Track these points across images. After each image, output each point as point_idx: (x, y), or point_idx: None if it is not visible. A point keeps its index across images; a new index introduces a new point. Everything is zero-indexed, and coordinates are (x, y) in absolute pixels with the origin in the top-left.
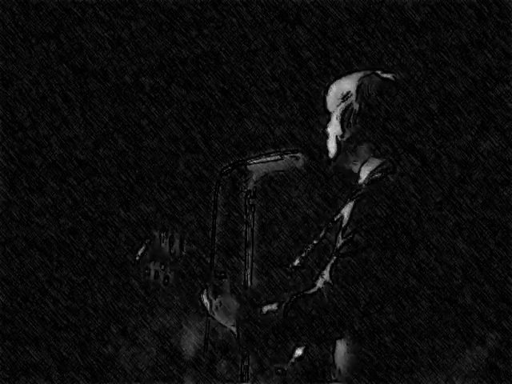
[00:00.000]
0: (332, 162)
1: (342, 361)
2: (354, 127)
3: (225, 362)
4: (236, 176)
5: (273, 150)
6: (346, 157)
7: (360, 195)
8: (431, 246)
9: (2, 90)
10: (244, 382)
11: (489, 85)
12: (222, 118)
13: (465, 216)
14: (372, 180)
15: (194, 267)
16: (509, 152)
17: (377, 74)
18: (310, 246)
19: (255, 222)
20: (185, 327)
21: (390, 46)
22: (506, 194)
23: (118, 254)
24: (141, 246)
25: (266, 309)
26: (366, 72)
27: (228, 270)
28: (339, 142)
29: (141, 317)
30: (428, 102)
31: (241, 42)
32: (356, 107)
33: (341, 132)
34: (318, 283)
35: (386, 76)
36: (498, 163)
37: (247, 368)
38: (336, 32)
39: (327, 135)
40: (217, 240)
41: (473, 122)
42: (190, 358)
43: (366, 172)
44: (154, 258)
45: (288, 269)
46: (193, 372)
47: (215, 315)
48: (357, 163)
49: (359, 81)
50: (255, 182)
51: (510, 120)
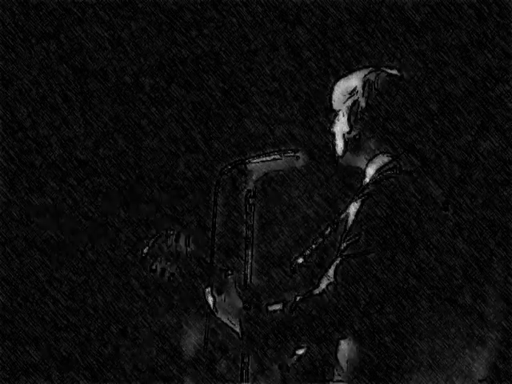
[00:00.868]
0: (339, 160)
1: (346, 360)
2: (361, 124)
3: (225, 361)
4: (236, 176)
5: (273, 150)
6: (353, 154)
7: (367, 194)
8: (431, 246)
9: (1, 90)
10: (244, 381)
11: (489, 85)
12: (222, 117)
13: (465, 216)
14: (379, 178)
15: (199, 265)
16: (509, 152)
17: (383, 70)
18: (314, 244)
19: (255, 221)
20: (185, 327)
21: (390, 45)
22: (506, 193)
23: (118, 254)
24: (147, 244)
25: (271, 308)
26: (371, 68)
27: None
28: (346, 140)
29: (141, 317)
30: (428, 101)
31: (241, 42)
32: (363, 103)
33: (348, 129)
34: (323, 284)
35: (392, 72)
36: (497, 163)
37: (247, 368)
38: (336, 32)
39: (334, 133)
40: (217, 240)
41: (473, 122)
42: (189, 357)
43: (372, 170)
44: (160, 256)
45: (291, 267)
46: (193, 372)
47: (218, 313)
48: (364, 160)
49: (365, 77)
50: (255, 182)
51: (510, 120)
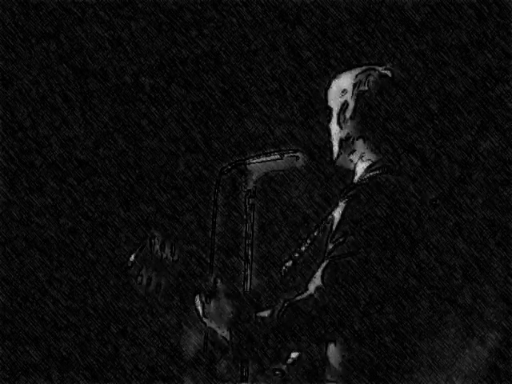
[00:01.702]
0: (334, 161)
1: (336, 361)
2: (350, 124)
3: (225, 362)
4: (236, 176)
5: (273, 150)
6: (345, 154)
7: (352, 196)
8: (431, 246)
9: (2, 90)
10: (243, 381)
11: (489, 85)
12: (222, 118)
13: (465, 216)
14: (366, 178)
15: (186, 271)
16: (509, 152)
17: (374, 69)
18: (302, 246)
19: (255, 221)
20: (185, 327)
21: (390, 45)
22: (506, 193)
23: (118, 254)
24: (132, 253)
25: (259, 315)
26: (363, 68)
27: (222, 273)
28: (339, 139)
29: (141, 317)
30: (428, 101)
31: (241, 42)
32: (352, 103)
33: (339, 128)
34: (310, 288)
35: (384, 71)
36: (498, 163)
37: (247, 368)
38: (336, 32)
39: (329, 132)
40: (217, 240)
41: (473, 122)
42: (189, 357)
43: (360, 169)
44: (145, 265)
45: (282, 270)
46: (193, 372)
47: (207, 320)
48: (354, 160)
49: (355, 77)
50: (255, 182)
51: (510, 120)
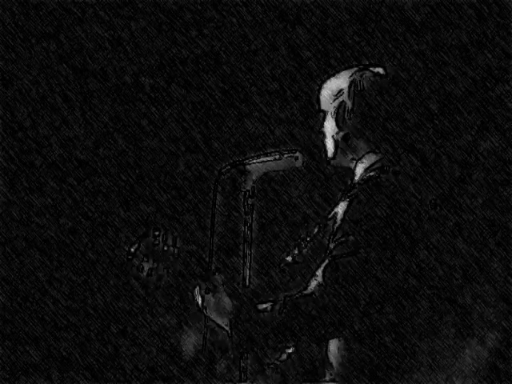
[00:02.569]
0: (330, 162)
1: (336, 359)
2: (348, 124)
3: (224, 361)
4: (235, 176)
5: (272, 150)
6: (343, 155)
7: (353, 195)
8: (431, 246)
9: (1, 90)
10: (243, 381)
11: (489, 85)
12: (222, 118)
13: (465, 216)
14: (367, 178)
15: (188, 264)
16: (509, 152)
17: (368, 69)
18: (302, 243)
19: (255, 221)
20: (184, 327)
21: (390, 46)
22: (506, 194)
23: (118, 254)
24: (134, 243)
25: (260, 307)
26: (357, 68)
27: (224, 268)
28: (336, 140)
29: (141, 317)
30: (428, 101)
31: (241, 42)
32: (349, 104)
33: (336, 130)
34: (311, 285)
35: (377, 70)
36: (498, 163)
37: (246, 367)
38: (336, 32)
39: (324, 134)
40: (216, 240)
41: (473, 122)
42: (189, 357)
43: (361, 169)
44: (147, 256)
45: (281, 266)
46: (193, 372)
47: (208, 312)
48: (353, 160)
49: (351, 77)
50: (254, 182)
51: (510, 120)
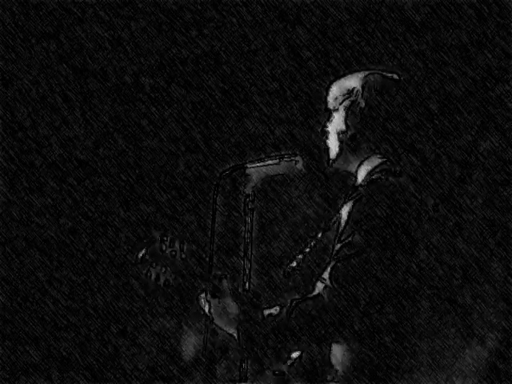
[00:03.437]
0: (333, 162)
1: (339, 362)
2: (358, 124)
3: (225, 362)
4: (235, 180)
5: (272, 154)
6: (346, 156)
7: (358, 197)
8: (431, 246)
9: (1, 90)
10: (243, 382)
11: (489, 85)
12: (222, 118)
13: (465, 216)
14: (371, 181)
15: (194, 269)
16: (509, 152)
17: (380, 73)
18: (307, 247)
19: (254, 224)
20: (185, 327)
21: (390, 46)
22: (505, 193)
23: (118, 254)
24: (141, 248)
25: (267, 312)
26: (370, 71)
27: (228, 271)
28: (341, 140)
29: (141, 317)
30: (428, 101)
31: (241, 42)
32: (362, 103)
33: (344, 129)
34: (318, 287)
35: (390, 75)
36: (498, 163)
37: (246, 368)
38: (336, 32)
39: (327, 133)
40: (217, 240)
41: (473, 122)
42: (189, 358)
43: (364, 172)
44: (155, 261)
45: (285, 270)
46: (193, 372)
47: (214, 318)
48: (355, 163)
49: (365, 78)
50: (254, 186)
51: (510, 120)
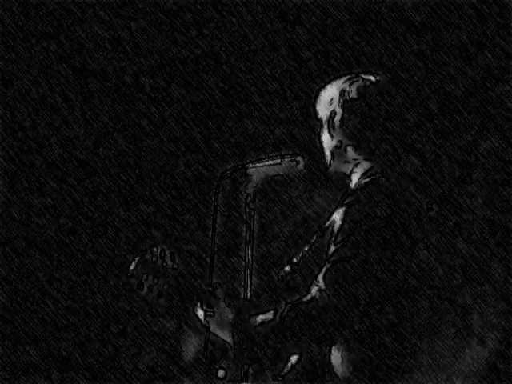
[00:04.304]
0: (328, 168)
1: (338, 364)
2: (340, 132)
3: (225, 362)
4: (236, 180)
5: (272, 154)
6: (338, 161)
7: (351, 201)
8: (431, 246)
9: (1, 90)
10: (243, 382)
11: (489, 85)
12: (222, 118)
13: (465, 216)
14: (362, 184)
15: (188, 278)
16: (509, 152)
17: (359, 76)
18: (300, 252)
19: (255, 224)
20: (185, 327)
21: (390, 45)
22: (505, 193)
23: (118, 254)
24: (133, 260)
25: (261, 318)
26: (348, 77)
27: (222, 277)
28: (331, 148)
29: (141, 317)
30: (428, 101)
31: (241, 42)
32: (339, 112)
33: (329, 138)
34: (312, 290)
35: (368, 78)
36: (498, 163)
37: (247, 369)
38: (336, 32)
39: (321, 142)
40: (217, 240)
41: (473, 122)
42: (190, 358)
43: (356, 175)
44: (147, 273)
45: (279, 275)
46: (193, 373)
47: (210, 326)
48: (349, 166)
49: (341, 86)
50: (255, 186)
51: (510, 120)
